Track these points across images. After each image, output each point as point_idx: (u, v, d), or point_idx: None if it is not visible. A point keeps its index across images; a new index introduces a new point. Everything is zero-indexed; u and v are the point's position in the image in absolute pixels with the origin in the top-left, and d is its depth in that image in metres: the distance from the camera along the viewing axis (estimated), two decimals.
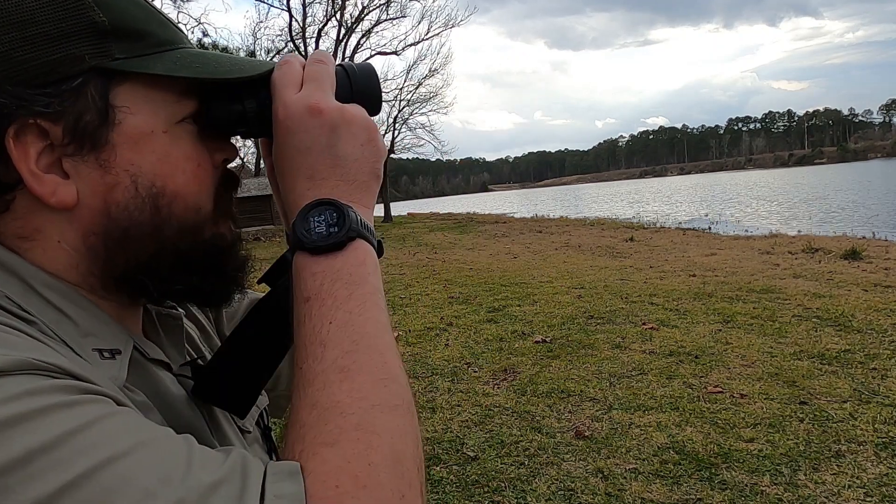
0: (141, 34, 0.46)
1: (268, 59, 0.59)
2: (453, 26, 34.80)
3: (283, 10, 33.55)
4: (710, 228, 17.42)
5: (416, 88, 29.80)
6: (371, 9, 29.34)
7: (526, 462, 2.74)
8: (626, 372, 3.84)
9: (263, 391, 0.70)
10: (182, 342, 0.57)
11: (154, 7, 0.49)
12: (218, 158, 0.52)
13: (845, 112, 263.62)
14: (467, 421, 3.25)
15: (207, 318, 0.72)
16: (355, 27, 29.83)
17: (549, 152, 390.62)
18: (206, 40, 27.59)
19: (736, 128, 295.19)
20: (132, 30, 0.46)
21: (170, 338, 0.56)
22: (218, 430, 0.55)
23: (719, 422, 3.00)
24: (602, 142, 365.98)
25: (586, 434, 2.97)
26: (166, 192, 0.47)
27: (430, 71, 30.70)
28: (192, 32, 27.49)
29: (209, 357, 0.66)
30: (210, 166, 0.51)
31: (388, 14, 29.79)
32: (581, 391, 3.55)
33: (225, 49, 30.95)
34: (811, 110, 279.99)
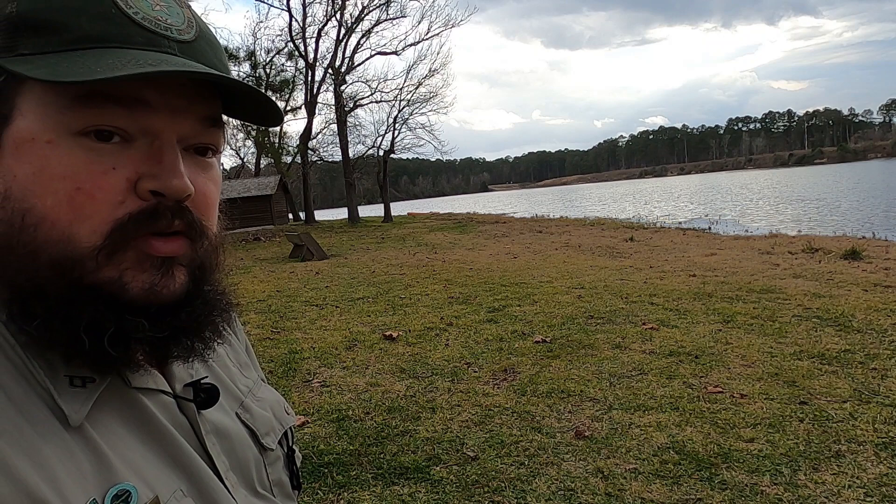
0: (55, 27, 0.41)
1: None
2: (453, 26, 34.94)
3: (283, 10, 33.60)
4: (710, 228, 17.43)
5: (416, 88, 29.79)
6: (371, 9, 29.37)
7: (526, 462, 2.74)
8: (626, 372, 3.84)
9: (292, 410, 0.70)
10: (207, 352, 0.55)
11: None
12: (144, 187, 0.43)
13: (845, 112, 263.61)
14: (467, 421, 3.25)
15: (232, 332, 0.70)
16: (355, 27, 29.83)
17: (549, 152, 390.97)
18: None
19: (736, 128, 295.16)
20: (43, 22, 0.41)
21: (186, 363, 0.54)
22: (218, 457, 0.53)
23: (719, 422, 3.00)
24: (602, 142, 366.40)
25: (586, 434, 2.97)
26: (34, 211, 0.41)
27: (430, 71, 30.70)
28: None
29: (243, 377, 0.65)
30: (105, 193, 0.42)
31: (388, 14, 29.81)
32: (581, 391, 3.55)
33: (224, 49, 30.93)
34: (811, 110, 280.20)
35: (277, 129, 36.62)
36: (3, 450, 0.38)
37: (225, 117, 0.52)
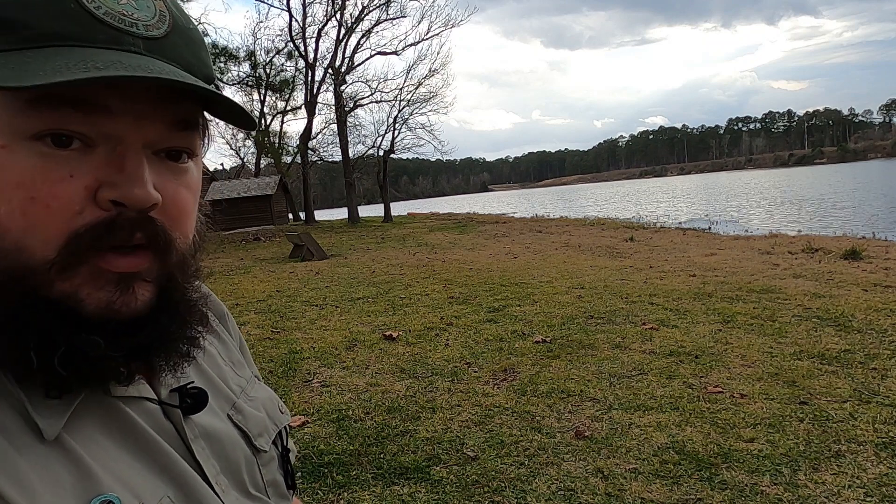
0: (12, 24, 0.39)
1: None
2: (453, 26, 34.97)
3: (283, 10, 33.63)
4: (710, 228, 17.43)
5: (416, 88, 29.78)
6: (371, 9, 29.37)
7: (526, 462, 2.74)
8: (626, 372, 3.84)
9: (286, 409, 0.69)
10: (178, 367, 0.53)
11: None
12: (104, 196, 0.41)
13: (845, 112, 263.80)
14: (467, 421, 3.25)
15: (225, 329, 0.69)
16: (355, 27, 29.83)
17: (549, 152, 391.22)
18: (206, 40, 27.52)
19: (736, 128, 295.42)
20: (1, 19, 0.39)
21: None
22: (207, 461, 0.52)
23: (719, 422, 3.00)
24: (602, 142, 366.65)
25: (586, 434, 2.96)
26: None
27: (429, 71, 30.71)
28: None
29: (236, 376, 0.64)
30: (61, 202, 0.40)
31: (388, 14, 29.82)
32: (581, 391, 3.55)
33: (224, 49, 30.94)
34: (811, 110, 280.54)
35: (277, 128, 36.67)
36: None
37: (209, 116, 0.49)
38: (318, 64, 31.13)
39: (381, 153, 30.37)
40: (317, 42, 30.85)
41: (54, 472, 0.40)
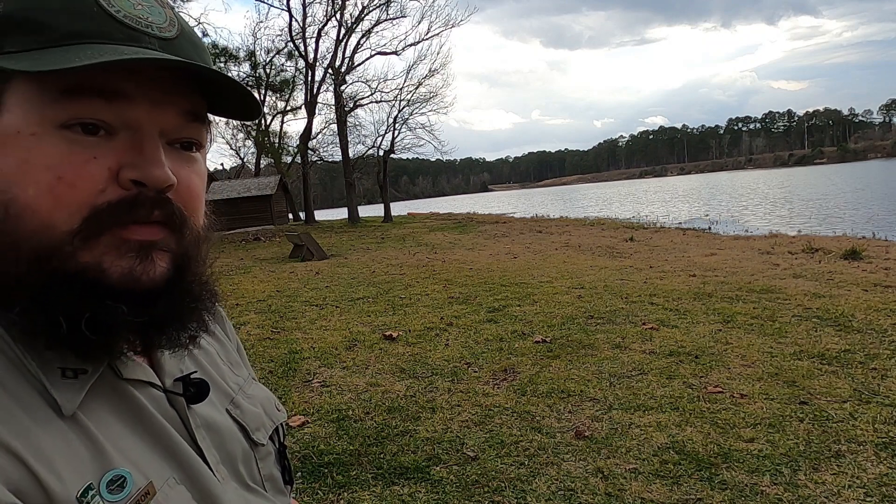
0: (40, 26, 0.43)
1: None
2: (453, 26, 35.03)
3: (283, 10, 33.65)
4: (710, 228, 17.44)
5: (416, 88, 29.78)
6: (371, 9, 29.36)
7: (526, 462, 2.74)
8: (626, 372, 3.84)
9: (283, 407, 0.71)
10: (180, 357, 0.57)
11: None
12: (125, 176, 0.44)
13: (845, 112, 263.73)
14: (467, 421, 3.25)
15: (223, 331, 0.71)
16: (355, 27, 29.82)
17: (549, 152, 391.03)
18: (206, 40, 27.54)
19: (736, 128, 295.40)
20: (29, 21, 0.43)
21: (172, 353, 0.55)
22: (208, 450, 0.54)
23: (719, 422, 3.00)
24: (602, 142, 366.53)
25: (586, 434, 2.97)
26: (17, 202, 0.42)
27: (429, 71, 30.72)
28: None
29: (234, 375, 0.66)
30: (86, 182, 0.43)
31: (388, 14, 29.81)
32: (581, 391, 3.55)
33: (224, 49, 30.95)
34: (811, 110, 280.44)
35: (277, 128, 36.67)
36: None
37: (211, 116, 0.53)
38: (318, 64, 31.14)
39: (381, 153, 30.37)
40: (317, 42, 30.87)
41: (71, 445, 0.43)
